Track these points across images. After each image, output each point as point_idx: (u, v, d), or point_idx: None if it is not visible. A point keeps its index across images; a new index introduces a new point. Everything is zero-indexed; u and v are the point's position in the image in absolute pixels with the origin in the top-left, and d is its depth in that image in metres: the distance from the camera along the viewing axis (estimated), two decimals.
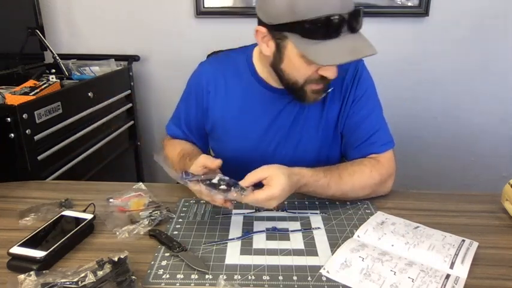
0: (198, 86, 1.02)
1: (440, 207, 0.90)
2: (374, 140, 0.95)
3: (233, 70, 1.00)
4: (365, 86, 0.97)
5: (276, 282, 0.64)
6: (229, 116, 1.00)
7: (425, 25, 1.85)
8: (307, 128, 0.99)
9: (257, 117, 0.99)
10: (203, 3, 1.85)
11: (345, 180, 0.87)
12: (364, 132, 0.95)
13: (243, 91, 0.99)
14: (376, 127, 0.96)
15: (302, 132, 0.99)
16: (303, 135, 0.99)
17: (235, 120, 1.00)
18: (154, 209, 0.84)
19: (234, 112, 1.00)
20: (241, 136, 1.01)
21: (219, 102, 1.00)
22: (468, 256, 0.70)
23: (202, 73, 1.03)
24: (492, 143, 2.02)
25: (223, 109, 1.00)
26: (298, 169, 0.82)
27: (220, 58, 1.06)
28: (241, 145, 1.01)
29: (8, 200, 0.91)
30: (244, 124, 1.00)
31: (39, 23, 1.84)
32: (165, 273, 0.66)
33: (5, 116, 1.14)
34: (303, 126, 0.98)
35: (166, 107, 2.05)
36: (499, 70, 1.91)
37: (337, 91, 0.97)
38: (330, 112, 0.98)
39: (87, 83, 1.58)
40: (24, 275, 0.60)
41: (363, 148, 0.95)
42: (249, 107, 0.99)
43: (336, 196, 0.88)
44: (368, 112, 0.96)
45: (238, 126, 1.00)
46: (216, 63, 1.04)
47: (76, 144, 1.47)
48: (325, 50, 0.76)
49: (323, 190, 0.86)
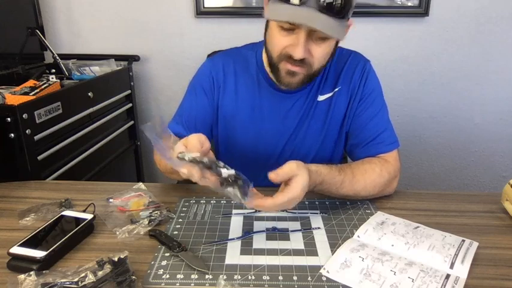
0: (208, 81, 1.00)
1: (440, 207, 0.90)
2: (381, 140, 0.95)
3: (243, 67, 1.00)
4: (372, 85, 0.98)
5: (276, 282, 0.64)
6: (238, 113, 1.00)
7: (425, 25, 1.85)
8: (312, 126, 0.99)
9: (266, 115, 0.99)
10: (203, 3, 1.85)
11: (357, 178, 0.86)
12: (372, 131, 0.95)
13: (252, 88, 0.99)
14: (383, 126, 0.96)
15: (308, 131, 0.99)
16: (309, 134, 0.99)
17: (244, 117, 0.99)
18: (154, 209, 0.84)
19: (243, 109, 0.99)
20: (249, 134, 1.00)
21: (228, 98, 1.00)
22: (468, 256, 0.70)
23: (212, 68, 1.01)
24: (492, 143, 2.02)
25: (232, 105, 0.99)
26: (315, 166, 0.80)
27: (230, 53, 1.04)
28: (249, 143, 1.01)
29: (8, 200, 0.91)
30: (253, 122, 0.99)
31: (39, 23, 1.84)
32: (165, 273, 0.66)
33: (5, 116, 1.14)
34: (309, 126, 0.99)
35: (167, 107, 2.08)
36: (499, 70, 1.91)
37: (345, 90, 0.97)
38: (337, 111, 0.98)
39: (87, 83, 1.58)
40: (24, 275, 0.60)
41: (371, 147, 0.95)
42: (258, 105, 0.99)
43: (348, 195, 0.87)
44: (375, 111, 0.97)
45: (246, 123, 1.00)
46: (226, 58, 1.02)
47: (76, 144, 1.47)
48: (279, 9, 0.78)
49: (336, 188, 0.85)
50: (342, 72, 0.97)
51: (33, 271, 0.61)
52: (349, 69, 0.97)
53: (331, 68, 0.98)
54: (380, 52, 1.90)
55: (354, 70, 0.97)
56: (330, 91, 0.98)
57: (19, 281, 0.60)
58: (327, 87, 0.98)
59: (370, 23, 1.85)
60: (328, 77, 0.98)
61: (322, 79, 0.98)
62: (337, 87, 0.96)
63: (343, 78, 0.95)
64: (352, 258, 0.69)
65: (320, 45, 0.82)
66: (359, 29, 1.83)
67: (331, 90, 0.98)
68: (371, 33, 1.87)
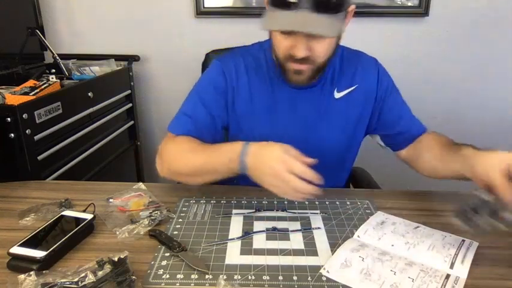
0: (222, 81, 0.98)
1: (440, 207, 0.90)
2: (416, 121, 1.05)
3: (254, 66, 0.99)
4: (387, 79, 1.03)
5: (276, 282, 0.64)
6: (254, 112, 0.99)
7: (425, 25, 1.85)
8: (332, 123, 1.00)
9: (282, 112, 0.98)
10: (203, 3, 1.85)
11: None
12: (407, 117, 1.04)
13: (265, 87, 0.98)
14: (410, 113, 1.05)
15: (328, 128, 1.00)
16: (328, 130, 1.00)
17: (260, 115, 0.99)
18: (154, 209, 0.84)
19: (258, 108, 0.99)
20: (266, 132, 0.98)
21: (242, 98, 0.99)
22: (468, 256, 0.70)
23: (225, 67, 0.99)
24: (492, 143, 2.00)
25: (247, 105, 0.99)
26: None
27: (239, 53, 1.02)
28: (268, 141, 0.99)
29: (8, 200, 0.91)
30: (270, 120, 0.99)
31: (39, 23, 1.84)
32: (165, 273, 0.66)
33: (5, 116, 1.14)
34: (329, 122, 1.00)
35: (166, 107, 2.08)
36: (499, 70, 1.91)
37: (362, 88, 1.00)
38: (355, 108, 1.00)
39: (87, 83, 1.58)
40: (24, 275, 0.60)
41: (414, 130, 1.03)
42: (273, 103, 0.98)
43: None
44: (400, 101, 1.04)
45: (263, 122, 0.99)
46: (236, 58, 1.00)
47: (76, 144, 1.47)
48: (273, 17, 0.80)
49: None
50: (356, 70, 1.00)
51: (33, 271, 0.61)
52: (363, 68, 1.00)
53: (344, 65, 1.00)
54: (380, 52, 1.87)
55: (369, 69, 1.01)
56: (346, 88, 0.99)
57: (19, 281, 0.60)
58: (343, 84, 0.99)
59: (370, 23, 1.85)
60: (344, 75, 0.99)
61: (335, 75, 0.98)
62: (353, 85, 0.99)
63: (359, 77, 0.99)
64: (352, 258, 0.69)
65: (320, 41, 0.83)
66: (359, 29, 1.84)
67: (348, 88, 0.99)
68: (371, 33, 1.87)
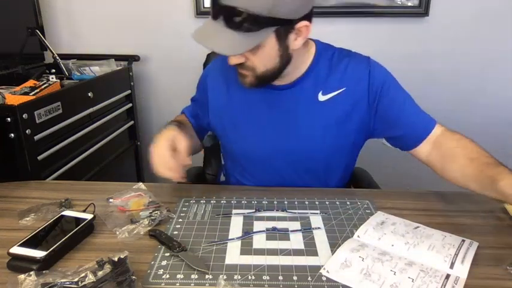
0: (202, 82, 1.07)
1: (440, 207, 0.90)
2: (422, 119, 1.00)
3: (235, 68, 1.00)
4: (381, 78, 0.96)
5: (276, 282, 0.64)
6: (233, 111, 1.00)
7: (425, 25, 1.85)
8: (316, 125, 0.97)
9: (259, 112, 0.98)
10: (203, 3, 1.85)
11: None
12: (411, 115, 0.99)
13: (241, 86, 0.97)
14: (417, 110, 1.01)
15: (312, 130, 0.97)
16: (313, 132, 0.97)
17: (236, 113, 1.00)
18: (154, 209, 0.84)
19: (237, 108, 1.00)
20: (246, 134, 1.00)
21: (221, 99, 1.02)
22: (468, 256, 0.70)
23: (206, 70, 1.08)
24: (492, 143, 2.00)
25: (225, 106, 1.01)
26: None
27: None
28: (247, 143, 1.00)
29: (8, 200, 0.91)
30: (247, 119, 0.99)
31: (39, 23, 1.84)
32: (165, 273, 0.66)
33: (5, 116, 1.14)
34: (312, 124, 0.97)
35: (166, 106, 2.07)
36: (499, 70, 1.91)
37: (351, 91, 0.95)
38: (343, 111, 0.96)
39: (87, 83, 1.58)
40: (24, 275, 0.60)
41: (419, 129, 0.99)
42: (251, 102, 0.98)
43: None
44: (401, 99, 0.99)
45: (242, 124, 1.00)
46: (219, 61, 1.06)
47: (76, 144, 1.47)
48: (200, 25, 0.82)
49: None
50: (345, 73, 0.96)
51: (33, 271, 0.61)
52: (353, 70, 0.96)
53: (333, 68, 0.96)
54: (380, 52, 1.88)
55: (359, 71, 0.95)
56: (332, 91, 0.96)
57: (19, 281, 0.60)
58: (329, 87, 0.96)
59: (370, 23, 1.85)
60: (331, 77, 0.96)
61: (319, 78, 0.96)
62: (341, 88, 0.95)
63: (348, 79, 0.94)
64: (352, 258, 0.69)
65: (255, 52, 0.82)
66: (359, 29, 1.85)
67: (334, 90, 0.96)
68: (371, 33, 1.87)
